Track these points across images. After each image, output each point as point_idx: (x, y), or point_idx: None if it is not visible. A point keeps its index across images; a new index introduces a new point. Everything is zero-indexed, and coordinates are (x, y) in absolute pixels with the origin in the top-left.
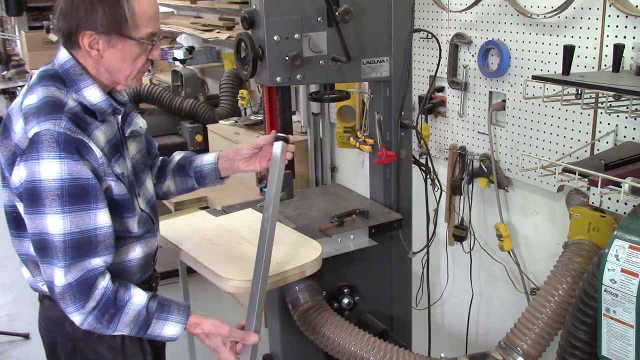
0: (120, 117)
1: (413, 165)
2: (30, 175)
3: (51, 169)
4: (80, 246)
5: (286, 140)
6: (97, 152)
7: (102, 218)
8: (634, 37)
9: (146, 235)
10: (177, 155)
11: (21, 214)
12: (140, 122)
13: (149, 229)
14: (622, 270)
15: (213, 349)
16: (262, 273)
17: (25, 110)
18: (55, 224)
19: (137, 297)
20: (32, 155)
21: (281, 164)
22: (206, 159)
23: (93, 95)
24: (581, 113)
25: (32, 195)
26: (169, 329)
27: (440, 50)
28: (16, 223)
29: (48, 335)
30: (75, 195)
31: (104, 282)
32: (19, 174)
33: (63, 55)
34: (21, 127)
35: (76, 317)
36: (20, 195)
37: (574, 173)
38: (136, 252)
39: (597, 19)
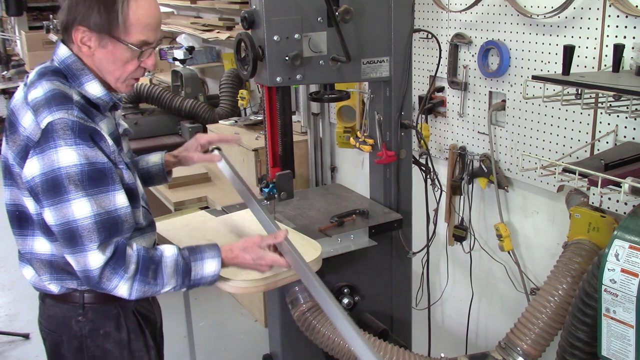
0: (117, 113)
1: (413, 165)
2: (48, 165)
3: (69, 156)
4: (109, 225)
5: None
6: (109, 140)
7: (120, 199)
8: (634, 37)
9: (147, 229)
10: None
11: (27, 212)
12: (125, 124)
13: (150, 222)
14: (622, 270)
15: (257, 259)
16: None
17: (33, 103)
18: (82, 207)
19: (168, 250)
20: (49, 144)
21: (229, 165)
22: (152, 161)
23: (95, 89)
24: (581, 113)
25: (54, 184)
26: (208, 266)
27: (440, 50)
28: (19, 222)
29: (51, 335)
30: (94, 179)
31: (134, 246)
32: (32, 168)
33: (63, 51)
34: (31, 119)
35: (123, 288)
36: (31, 189)
37: (574, 173)
38: None
39: (597, 19)
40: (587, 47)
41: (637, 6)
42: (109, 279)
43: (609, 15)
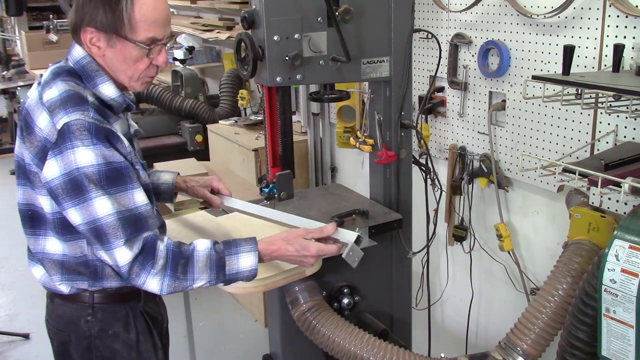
0: (129, 114)
1: (413, 165)
2: (67, 166)
3: (87, 156)
4: (133, 221)
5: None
6: (125, 141)
7: (139, 196)
8: (634, 37)
9: (160, 230)
10: None
11: (40, 212)
12: (135, 125)
13: (162, 223)
14: (622, 270)
15: (300, 249)
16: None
17: (49, 103)
18: (104, 205)
19: (201, 244)
20: (66, 145)
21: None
22: (164, 178)
23: (109, 90)
24: (581, 113)
25: (75, 185)
26: (244, 261)
27: (440, 50)
28: (31, 221)
29: (59, 334)
30: (112, 178)
31: (164, 242)
32: (51, 170)
33: (78, 52)
34: (47, 120)
35: (153, 283)
36: (51, 191)
37: (574, 173)
38: None
39: (597, 19)
40: (587, 47)
41: (637, 6)
42: (137, 275)
43: (609, 15)
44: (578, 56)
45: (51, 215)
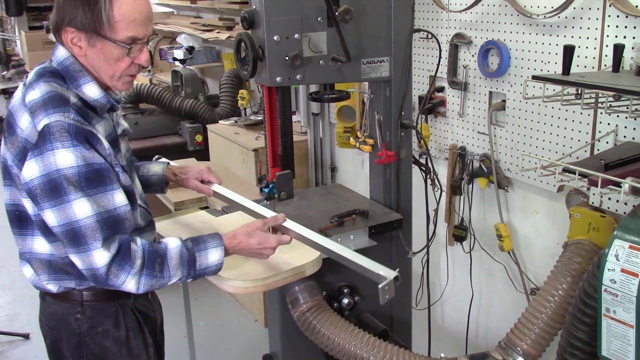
0: (115, 114)
1: (413, 165)
2: (47, 167)
3: (66, 158)
4: (111, 223)
5: None
6: (105, 143)
7: (118, 198)
8: (634, 37)
9: (146, 229)
10: None
11: (26, 212)
12: (125, 124)
13: (149, 222)
14: (622, 270)
15: (262, 241)
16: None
17: (31, 105)
18: (83, 207)
19: (171, 242)
20: (46, 147)
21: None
22: (153, 170)
23: (92, 91)
24: (581, 113)
25: (53, 186)
26: (212, 256)
27: (440, 50)
28: (19, 221)
29: (51, 332)
30: (92, 180)
31: (138, 242)
32: (30, 170)
33: (62, 52)
34: (28, 121)
35: (131, 283)
36: (30, 191)
37: (574, 173)
38: None
39: (597, 19)
40: (587, 47)
41: (637, 6)
42: (116, 275)
43: (609, 15)
44: (578, 56)
45: (34, 216)
